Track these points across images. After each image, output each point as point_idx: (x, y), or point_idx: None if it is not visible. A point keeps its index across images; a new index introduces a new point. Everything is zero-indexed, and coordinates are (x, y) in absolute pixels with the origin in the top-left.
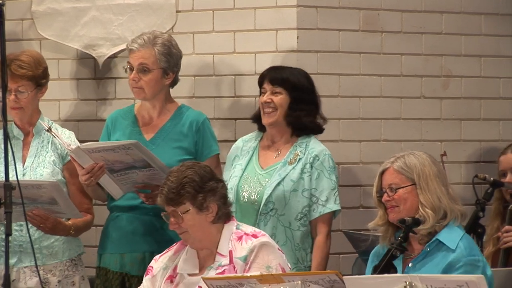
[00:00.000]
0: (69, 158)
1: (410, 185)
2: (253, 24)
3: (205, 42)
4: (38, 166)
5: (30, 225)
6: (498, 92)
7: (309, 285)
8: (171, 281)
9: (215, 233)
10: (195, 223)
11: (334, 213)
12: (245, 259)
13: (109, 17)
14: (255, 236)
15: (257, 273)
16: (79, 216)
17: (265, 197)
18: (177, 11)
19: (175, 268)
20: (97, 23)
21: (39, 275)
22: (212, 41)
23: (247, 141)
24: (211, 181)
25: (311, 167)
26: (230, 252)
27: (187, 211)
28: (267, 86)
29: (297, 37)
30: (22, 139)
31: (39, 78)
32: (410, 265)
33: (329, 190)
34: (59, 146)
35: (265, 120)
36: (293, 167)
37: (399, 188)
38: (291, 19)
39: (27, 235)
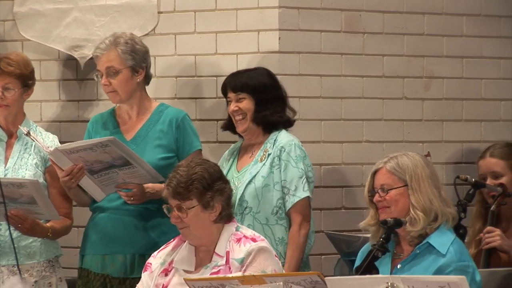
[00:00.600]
0: None
1: (402, 186)
2: (235, 25)
3: (187, 43)
4: (20, 168)
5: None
6: (480, 93)
7: (291, 286)
8: (166, 275)
9: (215, 232)
10: (198, 220)
11: (308, 200)
12: (242, 262)
13: (91, 18)
14: (254, 239)
15: (239, 274)
16: (57, 218)
17: (238, 197)
18: (159, 12)
19: (171, 262)
20: (79, 24)
21: (20, 273)
22: (194, 42)
23: (230, 151)
24: (220, 181)
25: (279, 159)
26: (227, 253)
27: (193, 207)
28: (231, 94)
29: (279, 38)
30: (5, 140)
31: (26, 78)
32: (398, 266)
33: (297, 179)
34: (42, 149)
35: (239, 129)
36: (263, 164)
37: (391, 189)
38: (273, 20)
39: (5, 234)
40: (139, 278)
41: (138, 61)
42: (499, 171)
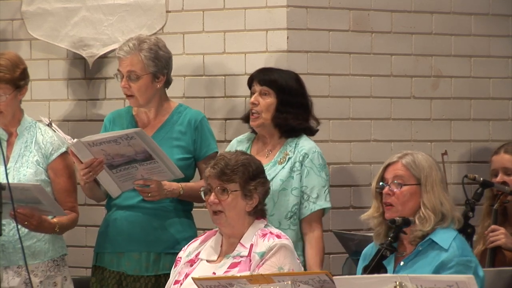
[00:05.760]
0: (53, 157)
1: (416, 184)
2: (243, 25)
3: (195, 43)
4: (21, 166)
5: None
6: (488, 92)
7: (299, 285)
8: (191, 265)
9: (246, 224)
10: (235, 206)
11: (324, 211)
12: (262, 255)
13: (99, 17)
14: (279, 236)
15: (247, 273)
16: (63, 214)
17: None
18: (167, 11)
19: (197, 254)
20: (87, 23)
21: (28, 273)
22: (202, 42)
23: (240, 142)
24: (263, 175)
25: (301, 165)
26: (251, 246)
27: (235, 190)
28: (256, 86)
29: (287, 37)
30: (6, 139)
31: (17, 80)
32: (401, 263)
33: (320, 187)
34: (43, 146)
35: (251, 122)
36: (283, 167)
37: (405, 185)
38: (281, 19)
39: (9, 234)
40: (154, 276)
41: (160, 67)
42: (511, 167)
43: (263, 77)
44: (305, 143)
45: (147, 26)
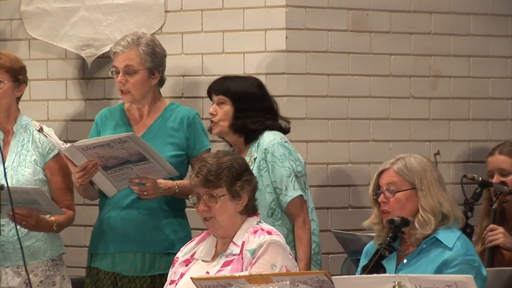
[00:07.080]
0: (50, 156)
1: (410, 189)
2: (242, 24)
3: (194, 42)
4: (19, 166)
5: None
6: (487, 92)
7: (297, 285)
8: (186, 265)
9: (239, 223)
10: (226, 209)
11: (302, 198)
12: (253, 253)
13: (98, 17)
14: (269, 233)
15: (246, 273)
16: (61, 213)
17: None
18: (166, 11)
19: (193, 254)
20: (86, 23)
21: (27, 274)
22: (201, 41)
23: None
24: (247, 172)
25: (265, 161)
26: (243, 243)
27: (222, 195)
28: (214, 96)
29: (286, 37)
30: (1, 138)
31: (17, 72)
32: (404, 261)
33: (285, 178)
34: (40, 145)
35: (213, 131)
36: (251, 168)
37: (398, 191)
38: (280, 19)
39: (9, 235)
40: (149, 276)
41: (156, 64)
42: (507, 168)
43: (218, 87)
44: (265, 139)
45: (146, 26)
